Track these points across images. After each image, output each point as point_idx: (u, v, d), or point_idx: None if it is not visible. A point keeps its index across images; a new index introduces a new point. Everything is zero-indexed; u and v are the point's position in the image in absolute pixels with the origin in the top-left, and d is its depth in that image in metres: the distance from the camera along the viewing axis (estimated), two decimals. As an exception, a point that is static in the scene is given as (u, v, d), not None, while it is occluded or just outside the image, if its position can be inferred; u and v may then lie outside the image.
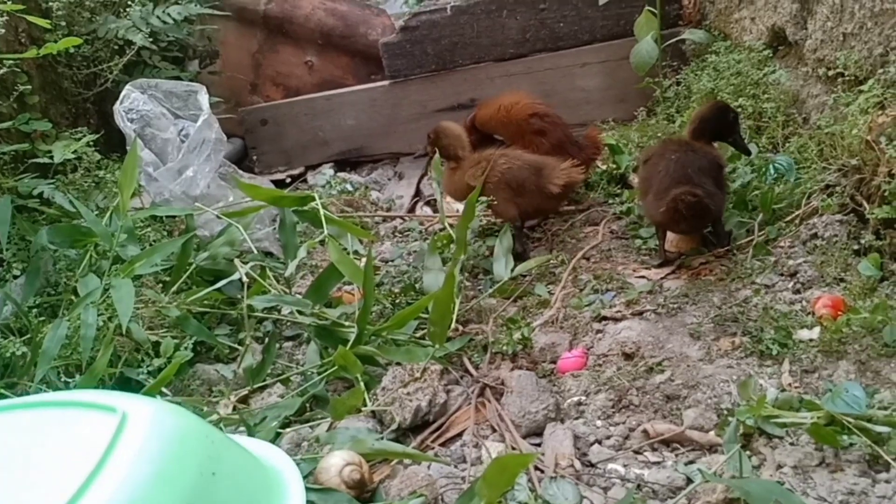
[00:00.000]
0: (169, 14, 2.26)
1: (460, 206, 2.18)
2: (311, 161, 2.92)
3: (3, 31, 1.78)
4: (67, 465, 0.79)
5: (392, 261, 2.08)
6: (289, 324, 1.76)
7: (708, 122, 1.82)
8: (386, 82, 2.87)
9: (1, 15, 1.73)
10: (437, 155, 1.96)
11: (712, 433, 1.27)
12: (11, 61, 1.78)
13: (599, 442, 1.31)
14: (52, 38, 1.98)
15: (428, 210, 2.53)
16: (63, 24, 2.07)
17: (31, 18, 1.73)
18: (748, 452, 1.20)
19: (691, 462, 1.22)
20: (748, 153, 1.88)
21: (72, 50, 2.06)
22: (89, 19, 2.19)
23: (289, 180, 2.85)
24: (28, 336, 1.52)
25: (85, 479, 0.76)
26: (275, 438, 1.38)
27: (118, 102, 1.90)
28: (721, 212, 1.73)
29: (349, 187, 2.68)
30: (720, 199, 1.71)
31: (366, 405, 1.39)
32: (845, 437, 1.16)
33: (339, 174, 2.83)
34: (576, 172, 1.94)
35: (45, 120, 1.86)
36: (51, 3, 2.07)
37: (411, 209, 2.55)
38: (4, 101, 1.86)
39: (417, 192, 2.68)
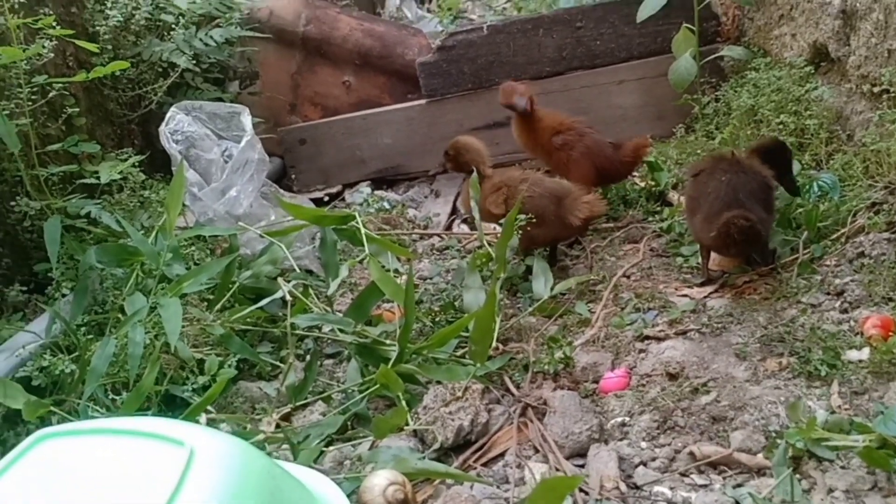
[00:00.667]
0: (211, 37, 2.30)
1: (496, 225, 2.19)
2: (349, 179, 2.95)
3: (53, 55, 1.83)
4: (137, 499, 0.81)
5: (431, 278, 2.09)
6: (330, 341, 1.77)
7: (765, 155, 1.79)
8: (423, 101, 2.88)
9: (50, 39, 1.78)
10: (474, 174, 1.96)
11: (760, 456, 1.25)
12: (61, 85, 1.83)
13: (645, 464, 1.29)
14: (99, 62, 2.03)
15: (465, 228, 2.53)
16: (109, 47, 2.12)
17: (79, 43, 1.77)
18: (798, 476, 1.18)
19: (739, 485, 1.20)
20: (797, 195, 1.83)
21: (117, 73, 2.11)
22: (134, 43, 2.24)
23: (327, 198, 2.88)
24: (76, 354, 1.54)
25: None
26: (318, 457, 1.38)
27: (164, 124, 1.94)
28: (768, 234, 1.70)
29: (386, 205, 2.70)
30: (769, 223, 1.69)
31: (408, 424, 1.39)
32: (899, 460, 1.13)
33: (376, 192, 2.85)
34: (598, 206, 1.89)
35: (92, 142, 1.90)
36: (98, 28, 2.12)
37: (448, 227, 2.56)
38: (53, 123, 1.91)
39: (454, 210, 2.69)
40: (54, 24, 1.74)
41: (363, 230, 1.74)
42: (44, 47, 1.74)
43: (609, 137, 2.26)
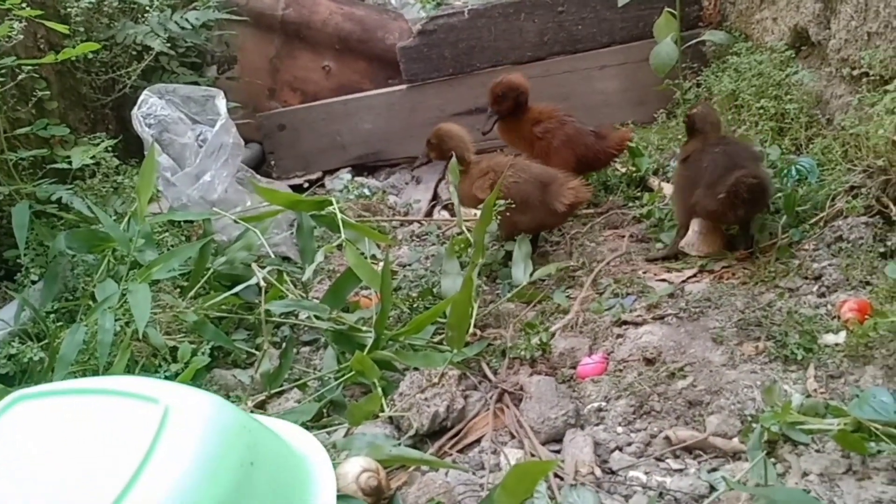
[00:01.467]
0: (187, 20, 2.26)
1: (477, 211, 2.17)
2: (329, 166, 2.92)
3: (22, 36, 1.79)
4: (112, 458, 0.81)
5: (409, 265, 2.07)
6: (306, 329, 1.75)
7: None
8: (403, 86, 2.86)
9: (20, 21, 1.74)
10: (453, 159, 1.94)
11: (736, 440, 1.24)
12: (30, 67, 1.79)
13: (620, 449, 1.29)
14: (71, 44, 1.99)
15: (445, 214, 2.51)
16: (82, 29, 2.08)
17: (49, 24, 1.74)
18: (773, 460, 1.17)
19: (714, 469, 1.20)
20: None
21: (90, 56, 2.08)
22: (108, 25, 2.21)
23: (307, 185, 2.85)
24: (46, 341, 1.52)
25: (131, 475, 0.78)
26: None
27: (136, 107, 1.90)
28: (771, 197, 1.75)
29: (367, 191, 2.68)
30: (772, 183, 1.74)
31: (383, 411, 1.38)
32: (873, 443, 1.13)
33: (356, 178, 2.83)
34: (583, 191, 1.87)
35: (63, 125, 1.87)
36: (69, 9, 2.08)
37: (428, 213, 2.54)
38: (23, 106, 1.87)
39: (435, 197, 2.67)
40: (23, 4, 1.71)
41: (339, 216, 1.72)
42: (12, 28, 1.70)
43: (591, 123, 2.25)
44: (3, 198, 1.69)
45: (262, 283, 1.55)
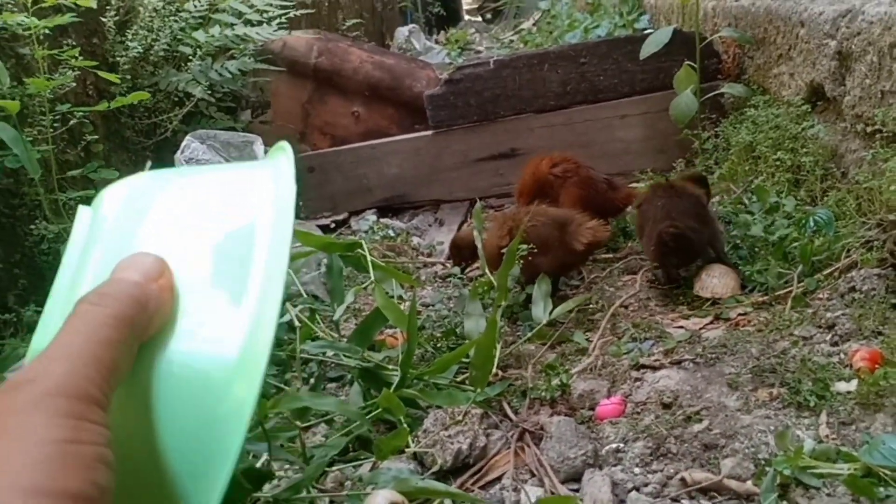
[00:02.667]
0: (227, 68, 2.38)
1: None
2: (355, 207, 3.02)
3: (74, 84, 1.90)
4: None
5: (433, 305, 2.14)
6: (333, 365, 1.81)
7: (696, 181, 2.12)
8: (429, 132, 2.96)
9: (73, 70, 1.85)
10: (478, 203, 2.01)
11: (750, 483, 1.28)
12: (81, 113, 1.90)
13: (637, 489, 1.33)
14: (118, 91, 2.11)
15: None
16: (128, 77, 2.20)
17: (101, 74, 1.85)
18: (785, 502, 1.21)
19: (728, 511, 1.24)
20: None
21: (135, 102, 2.18)
22: (152, 73, 2.32)
23: (333, 225, 2.94)
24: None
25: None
26: (320, 477, 1.42)
27: (179, 152, 2.00)
28: (714, 244, 1.93)
29: (391, 233, 2.76)
30: (701, 233, 1.89)
31: (409, 446, 1.43)
32: (882, 489, 1.16)
33: (381, 220, 2.91)
34: (601, 231, 1.94)
35: (110, 168, 1.97)
36: (118, 58, 2.20)
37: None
38: (72, 149, 1.98)
39: (458, 239, 2.74)
40: (77, 55, 1.82)
41: (369, 257, 1.79)
42: (66, 77, 1.81)
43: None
44: (54, 236, 1.78)
45: (296, 322, 1.61)
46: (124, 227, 0.69)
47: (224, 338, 0.61)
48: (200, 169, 0.84)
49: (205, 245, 0.68)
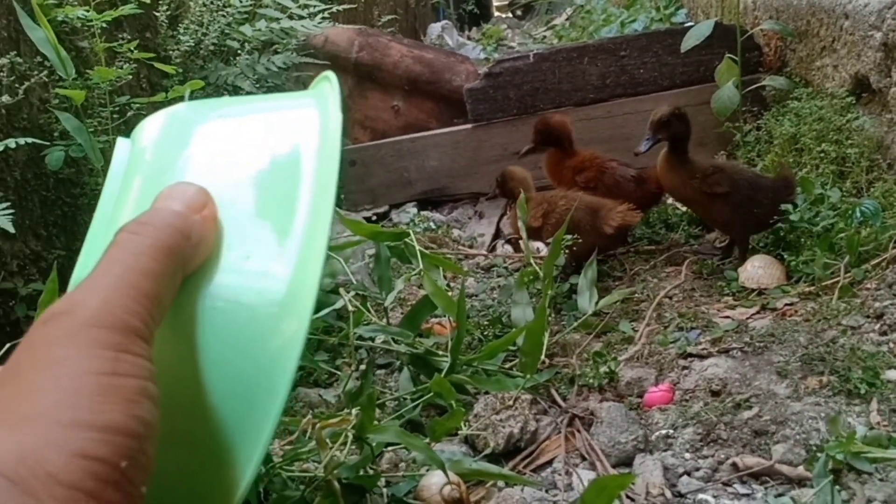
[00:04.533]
0: (273, 62, 2.43)
1: (541, 245, 2.27)
2: (396, 200, 3.05)
3: (131, 76, 1.96)
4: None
5: (476, 295, 2.17)
6: (381, 352, 1.85)
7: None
8: (468, 126, 2.98)
9: (130, 62, 1.91)
10: (522, 195, 2.04)
11: (801, 468, 1.30)
12: (138, 105, 1.95)
13: (689, 473, 1.35)
14: (169, 84, 2.16)
15: (508, 249, 2.61)
16: (180, 70, 2.25)
17: (158, 65, 1.90)
18: (837, 487, 1.22)
19: (781, 495, 1.25)
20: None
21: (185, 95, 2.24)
22: (201, 67, 2.38)
23: (374, 218, 2.98)
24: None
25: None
26: (374, 459, 1.46)
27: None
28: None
29: (432, 225, 2.80)
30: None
31: (461, 428, 1.47)
32: (937, 474, 1.18)
33: (421, 212, 2.95)
34: (631, 215, 1.98)
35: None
36: (170, 52, 2.25)
37: (492, 248, 2.64)
38: (127, 141, 2.03)
39: (497, 231, 2.77)
40: (134, 48, 1.87)
41: (417, 247, 1.83)
42: (123, 69, 1.87)
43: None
44: (113, 224, 1.83)
45: (350, 308, 1.65)
46: (165, 156, 0.65)
47: (271, 272, 0.57)
48: (242, 99, 0.80)
49: (248, 176, 0.64)
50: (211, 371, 0.54)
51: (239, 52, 2.39)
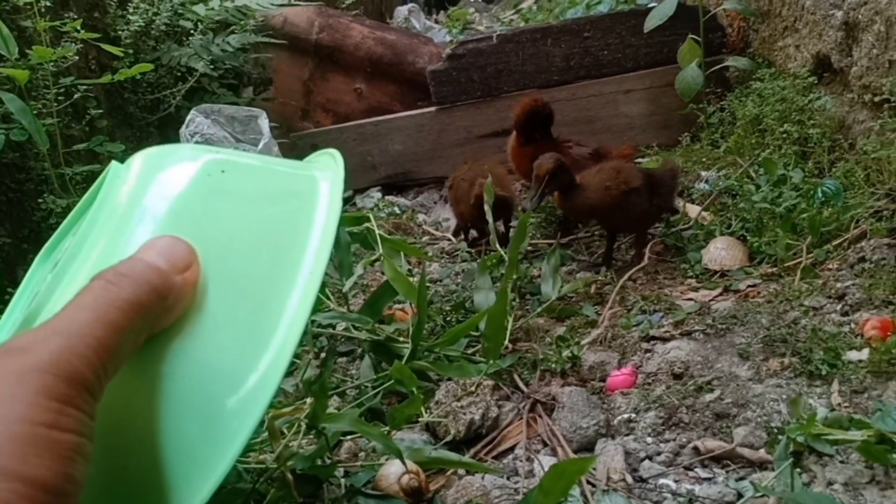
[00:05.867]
0: (228, 43, 2.36)
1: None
2: (360, 185, 3.00)
3: (77, 58, 1.89)
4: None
5: (440, 280, 2.14)
6: (342, 339, 1.81)
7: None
8: (433, 109, 2.94)
9: (75, 43, 1.84)
10: (489, 178, 2.01)
11: (763, 451, 1.29)
12: (85, 87, 1.88)
13: (650, 458, 1.33)
14: (120, 66, 2.09)
15: (473, 233, 2.57)
16: (130, 51, 2.18)
17: (104, 46, 1.83)
18: (798, 469, 1.22)
19: (742, 478, 1.24)
20: None
21: (137, 77, 2.17)
22: (153, 47, 2.30)
23: (337, 203, 2.93)
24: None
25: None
26: (332, 449, 1.42)
27: (184, 126, 1.99)
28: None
29: (397, 210, 2.76)
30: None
31: (422, 416, 1.44)
32: (895, 454, 1.17)
33: (386, 197, 2.90)
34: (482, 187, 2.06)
35: (117, 142, 1.96)
36: (119, 32, 2.18)
37: (456, 232, 2.61)
38: (77, 124, 1.96)
39: (463, 216, 2.74)
40: (79, 27, 1.80)
41: (377, 231, 1.79)
42: (70, 49, 1.80)
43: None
44: (61, 210, 1.77)
45: (306, 294, 1.61)
46: (160, 195, 0.65)
47: (237, 355, 0.57)
48: (248, 155, 0.79)
49: (240, 240, 0.64)
50: (157, 431, 0.53)
51: (192, 32, 2.32)
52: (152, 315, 0.52)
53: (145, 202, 0.64)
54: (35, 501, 0.39)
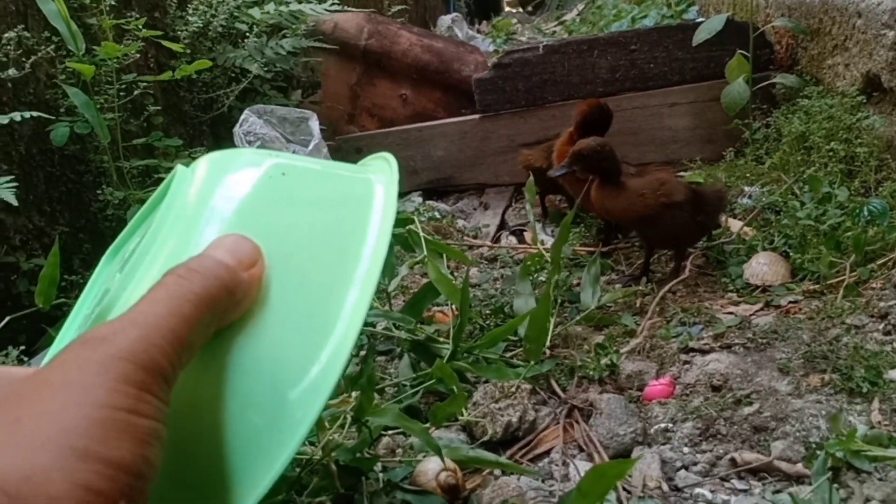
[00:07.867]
0: (282, 46, 2.42)
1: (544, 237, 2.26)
2: (402, 189, 3.01)
3: (139, 55, 1.95)
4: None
5: (480, 285, 2.16)
6: (382, 338, 1.84)
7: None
8: (476, 116, 2.97)
9: (137, 41, 1.90)
10: (531, 178, 2.03)
11: (800, 465, 1.29)
12: (144, 84, 1.95)
13: (686, 468, 1.34)
14: (178, 64, 2.16)
15: (513, 240, 2.60)
16: (188, 51, 2.25)
17: (166, 44, 1.89)
18: (836, 485, 1.22)
19: (779, 491, 1.25)
20: None
21: (193, 76, 2.23)
22: (209, 48, 2.37)
23: (379, 206, 2.97)
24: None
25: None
26: (372, 443, 1.45)
27: (238, 125, 2.05)
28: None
29: (437, 215, 2.79)
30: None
31: (462, 414, 1.46)
32: (937, 474, 1.17)
33: (427, 202, 2.94)
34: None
35: (174, 138, 2.02)
36: (178, 32, 2.25)
37: (496, 239, 2.63)
38: (135, 120, 2.03)
39: (502, 223, 2.76)
40: (142, 25, 1.87)
41: (421, 234, 1.82)
42: (131, 47, 1.86)
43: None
44: (118, 203, 1.83)
45: (351, 293, 1.64)
46: (226, 197, 0.68)
47: (299, 350, 0.60)
48: (307, 159, 0.84)
49: (301, 240, 0.67)
50: (223, 421, 0.56)
51: (247, 34, 2.38)
52: (221, 309, 0.55)
53: (212, 203, 0.67)
54: (116, 482, 0.41)
